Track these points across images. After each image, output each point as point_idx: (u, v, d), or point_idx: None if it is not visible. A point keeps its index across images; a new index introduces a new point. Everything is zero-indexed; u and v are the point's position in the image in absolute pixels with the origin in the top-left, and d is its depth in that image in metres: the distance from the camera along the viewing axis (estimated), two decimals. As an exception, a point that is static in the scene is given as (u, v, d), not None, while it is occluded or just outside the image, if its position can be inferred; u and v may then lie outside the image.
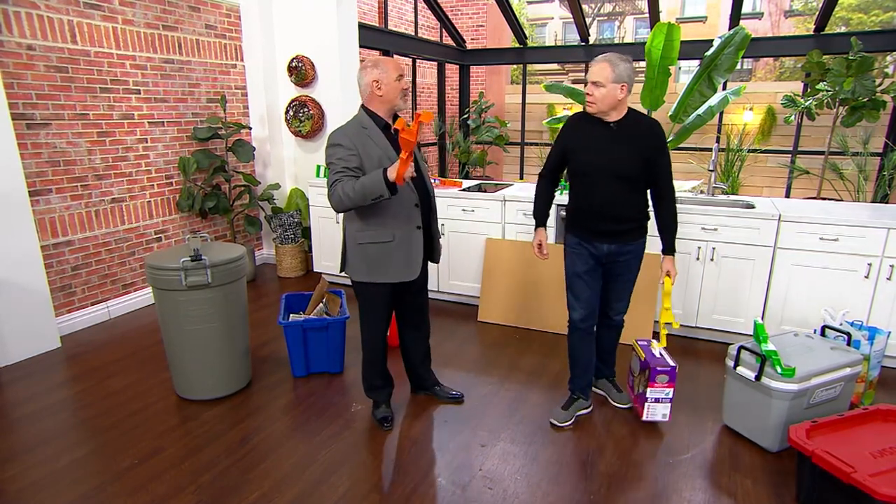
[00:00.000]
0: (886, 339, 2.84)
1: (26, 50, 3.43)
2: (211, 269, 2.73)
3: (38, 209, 3.56)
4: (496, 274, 4.01)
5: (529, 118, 9.68)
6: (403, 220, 2.45)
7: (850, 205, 3.82)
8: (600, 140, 2.46)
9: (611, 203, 2.50)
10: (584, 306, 2.64)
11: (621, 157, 2.44)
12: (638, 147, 2.44)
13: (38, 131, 3.54)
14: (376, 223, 2.42)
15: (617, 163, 2.44)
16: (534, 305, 3.87)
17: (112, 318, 4.09)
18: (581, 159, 2.51)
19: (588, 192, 2.52)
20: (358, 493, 2.27)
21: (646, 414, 2.68)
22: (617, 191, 2.48)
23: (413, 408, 2.91)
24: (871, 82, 5.70)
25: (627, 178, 2.46)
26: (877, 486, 1.84)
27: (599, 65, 2.38)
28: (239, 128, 4.63)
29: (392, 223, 2.43)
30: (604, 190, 2.48)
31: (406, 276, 2.50)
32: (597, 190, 2.49)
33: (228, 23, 4.82)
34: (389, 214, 2.42)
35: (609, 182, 2.47)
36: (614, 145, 2.44)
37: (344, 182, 2.27)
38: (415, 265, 2.51)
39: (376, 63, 2.40)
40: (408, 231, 2.47)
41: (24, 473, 2.39)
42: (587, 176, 2.51)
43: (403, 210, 2.44)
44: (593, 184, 2.50)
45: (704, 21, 20.53)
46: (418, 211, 2.49)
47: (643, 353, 2.73)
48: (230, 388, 3.00)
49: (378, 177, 2.20)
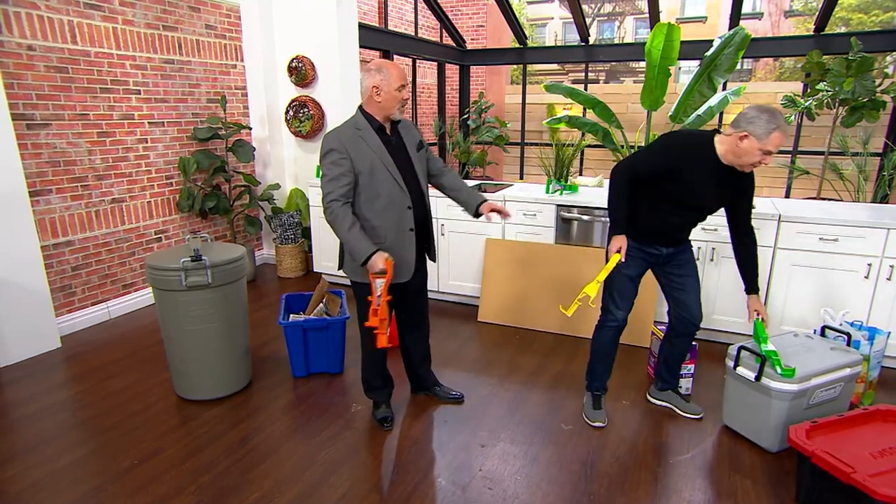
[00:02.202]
0: (886, 340, 2.85)
1: (26, 50, 3.44)
2: (211, 269, 2.74)
3: (38, 209, 3.56)
4: (496, 274, 4.01)
5: (529, 118, 9.68)
6: (395, 222, 2.44)
7: (850, 205, 3.82)
8: (712, 180, 2.39)
9: (680, 228, 2.59)
10: (627, 307, 2.68)
11: (719, 199, 2.48)
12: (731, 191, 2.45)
13: (38, 132, 3.54)
14: (369, 225, 2.42)
15: (713, 203, 2.49)
16: (534, 306, 3.87)
17: (112, 318, 4.09)
18: (687, 190, 2.41)
19: (674, 216, 2.52)
20: (358, 493, 2.27)
21: None
22: (691, 220, 2.58)
23: (413, 408, 2.91)
24: (870, 82, 5.70)
25: (706, 212, 2.55)
26: (876, 486, 1.84)
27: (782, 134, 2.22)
28: (239, 128, 4.63)
29: (384, 225, 2.43)
30: (682, 218, 2.54)
31: (398, 278, 2.50)
32: (684, 217, 2.53)
33: (228, 23, 4.82)
34: (382, 217, 2.42)
35: (691, 213, 2.54)
36: (722, 188, 2.42)
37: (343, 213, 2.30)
38: (406, 267, 2.51)
39: (380, 68, 2.37)
40: (400, 233, 2.46)
41: (24, 474, 2.39)
42: (682, 206, 2.48)
43: (396, 212, 2.44)
44: (675, 212, 2.50)
45: (704, 21, 20.52)
46: (411, 213, 2.47)
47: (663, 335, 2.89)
48: (230, 388, 3.00)
49: (361, 252, 2.26)
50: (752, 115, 2.23)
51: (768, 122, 2.19)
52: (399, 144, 2.49)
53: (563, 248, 3.82)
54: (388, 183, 2.40)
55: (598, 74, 18.17)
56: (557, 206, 3.82)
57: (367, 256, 2.25)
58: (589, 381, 2.84)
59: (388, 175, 2.40)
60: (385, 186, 2.40)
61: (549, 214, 3.86)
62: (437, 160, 2.71)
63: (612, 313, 2.68)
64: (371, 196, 2.40)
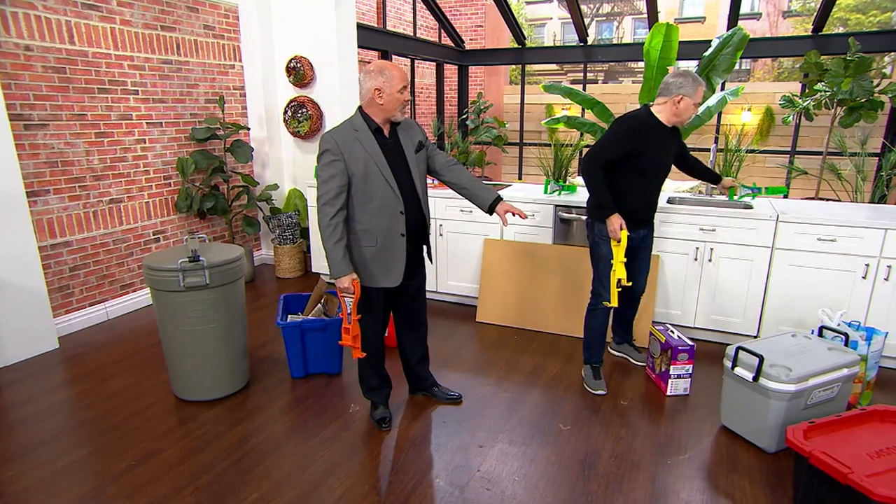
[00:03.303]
0: (884, 340, 2.85)
1: (24, 51, 3.43)
2: (209, 270, 2.73)
3: (35, 210, 3.56)
4: (494, 274, 4.01)
5: (528, 118, 9.68)
6: (386, 226, 2.44)
7: (848, 205, 3.83)
8: (664, 141, 2.86)
9: (656, 195, 3.00)
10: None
11: (671, 154, 2.96)
12: (675, 143, 2.96)
13: (35, 132, 3.53)
14: (360, 228, 2.43)
15: (669, 159, 2.96)
16: (532, 306, 3.88)
17: (110, 318, 4.09)
18: (652, 158, 2.84)
19: (648, 187, 2.93)
20: (356, 494, 2.27)
21: (670, 389, 3.01)
22: (660, 185, 2.98)
23: (411, 408, 2.91)
24: (868, 83, 5.71)
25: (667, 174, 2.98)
26: (873, 486, 1.84)
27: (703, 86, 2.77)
28: (237, 128, 4.62)
29: (376, 228, 2.43)
30: (655, 185, 2.95)
31: (387, 283, 2.50)
32: (655, 185, 2.94)
33: (227, 23, 4.82)
34: (374, 220, 2.42)
35: (659, 179, 2.94)
36: (670, 145, 2.90)
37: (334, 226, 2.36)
38: (396, 272, 2.50)
39: (382, 70, 2.35)
40: (390, 238, 2.46)
41: (22, 475, 2.38)
42: (649, 174, 2.88)
43: (388, 216, 2.43)
44: (651, 181, 2.91)
45: (703, 21, 20.53)
46: (403, 218, 2.46)
47: (662, 336, 3.06)
48: (228, 389, 3.00)
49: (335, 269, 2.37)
50: (679, 82, 2.73)
51: (694, 82, 2.72)
52: (396, 147, 2.48)
53: (561, 248, 3.83)
54: (382, 186, 2.40)
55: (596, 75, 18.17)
56: (555, 207, 3.82)
57: (336, 271, 2.38)
58: (587, 356, 3.13)
59: (381, 178, 2.39)
60: (378, 189, 2.40)
61: (548, 214, 3.86)
62: (441, 156, 2.64)
63: (602, 296, 2.98)
64: (364, 199, 2.40)
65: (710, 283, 3.53)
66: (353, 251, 2.46)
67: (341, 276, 2.37)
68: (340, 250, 2.36)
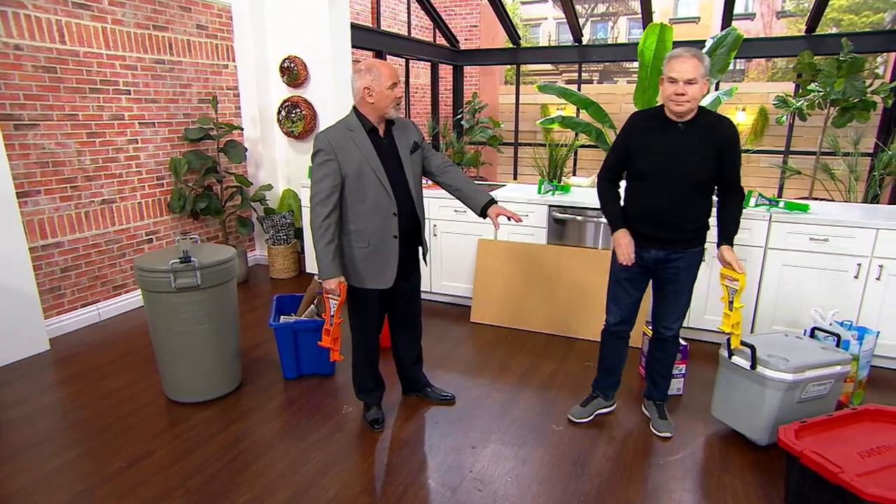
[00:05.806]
0: (875, 339, 2.86)
1: (13, 50, 3.40)
2: (200, 270, 2.72)
3: (26, 211, 3.53)
4: (488, 275, 4.00)
5: (523, 119, 9.68)
6: (379, 227, 2.43)
7: (841, 205, 3.84)
8: (667, 141, 2.33)
9: (668, 208, 2.37)
10: (619, 312, 2.62)
11: (689, 159, 2.31)
12: (707, 147, 2.30)
13: (25, 132, 3.51)
14: (353, 228, 2.42)
15: (683, 166, 2.31)
16: (526, 306, 3.87)
17: (102, 319, 4.06)
18: (646, 160, 2.36)
19: (649, 196, 2.40)
20: (349, 495, 2.26)
21: None
22: (676, 195, 2.35)
23: (404, 409, 2.90)
24: (861, 83, 5.73)
25: (692, 182, 2.33)
26: (864, 486, 1.84)
27: (689, 61, 2.17)
28: (231, 128, 4.60)
29: (369, 230, 2.43)
30: (662, 194, 2.36)
31: (379, 284, 2.49)
32: (659, 193, 2.37)
33: (220, 23, 4.80)
34: (365, 222, 2.42)
35: (670, 186, 2.34)
36: (682, 147, 2.31)
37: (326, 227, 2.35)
38: (389, 274, 2.49)
39: (370, 68, 2.35)
40: (383, 240, 2.45)
41: (13, 477, 2.37)
42: (647, 179, 2.38)
43: (380, 218, 2.42)
44: (653, 188, 2.37)
45: (697, 22, 20.60)
46: (396, 220, 2.45)
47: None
48: (221, 390, 2.99)
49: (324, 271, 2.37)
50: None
51: (667, 58, 2.27)
52: (391, 148, 2.47)
53: (555, 248, 3.83)
54: (375, 187, 2.39)
55: (591, 75, 18.20)
56: (549, 207, 3.82)
57: (324, 272, 2.37)
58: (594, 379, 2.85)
59: (375, 179, 2.39)
60: (372, 190, 2.39)
61: (542, 215, 3.86)
62: (437, 157, 2.65)
63: (606, 317, 2.68)
64: (357, 199, 2.39)
65: (702, 284, 3.52)
66: (344, 251, 2.45)
67: (329, 277, 2.37)
68: (330, 252, 2.36)
